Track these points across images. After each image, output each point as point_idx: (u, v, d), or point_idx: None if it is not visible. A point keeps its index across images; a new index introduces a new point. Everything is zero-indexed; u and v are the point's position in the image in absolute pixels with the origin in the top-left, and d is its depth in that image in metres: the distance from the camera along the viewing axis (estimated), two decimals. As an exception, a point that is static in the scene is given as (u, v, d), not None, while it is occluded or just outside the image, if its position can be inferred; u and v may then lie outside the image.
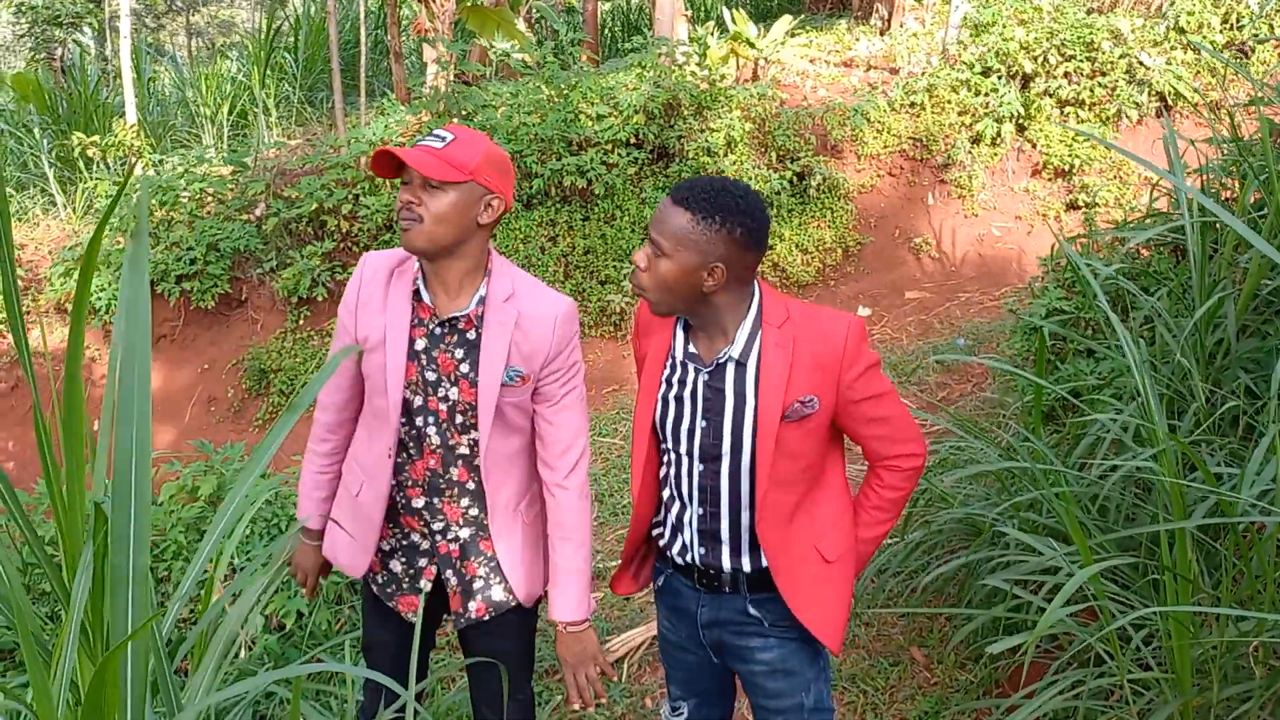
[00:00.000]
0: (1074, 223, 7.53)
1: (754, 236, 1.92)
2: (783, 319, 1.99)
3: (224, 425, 6.46)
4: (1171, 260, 4.04)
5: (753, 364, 1.99)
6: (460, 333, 2.15)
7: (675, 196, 1.91)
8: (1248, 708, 2.33)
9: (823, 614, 2.08)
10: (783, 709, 2.16)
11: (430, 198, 2.02)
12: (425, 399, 2.17)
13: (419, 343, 2.16)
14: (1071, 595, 2.42)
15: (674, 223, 1.89)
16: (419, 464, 2.21)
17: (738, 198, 1.91)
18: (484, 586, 2.29)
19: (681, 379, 2.05)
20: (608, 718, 3.32)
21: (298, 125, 9.64)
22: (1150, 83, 7.70)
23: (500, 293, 2.14)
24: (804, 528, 2.07)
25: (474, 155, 2.04)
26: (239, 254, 6.70)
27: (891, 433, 2.06)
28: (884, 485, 2.10)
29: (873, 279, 7.41)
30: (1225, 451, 2.91)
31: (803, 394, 1.96)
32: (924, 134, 7.79)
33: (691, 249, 1.89)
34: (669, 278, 1.92)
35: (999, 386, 5.00)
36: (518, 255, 6.79)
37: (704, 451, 2.04)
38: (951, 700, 3.24)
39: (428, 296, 2.15)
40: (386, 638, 2.39)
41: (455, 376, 2.15)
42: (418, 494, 2.23)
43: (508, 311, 2.14)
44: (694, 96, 7.33)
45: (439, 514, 2.24)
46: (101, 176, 7.71)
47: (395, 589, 2.32)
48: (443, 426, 2.18)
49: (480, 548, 2.27)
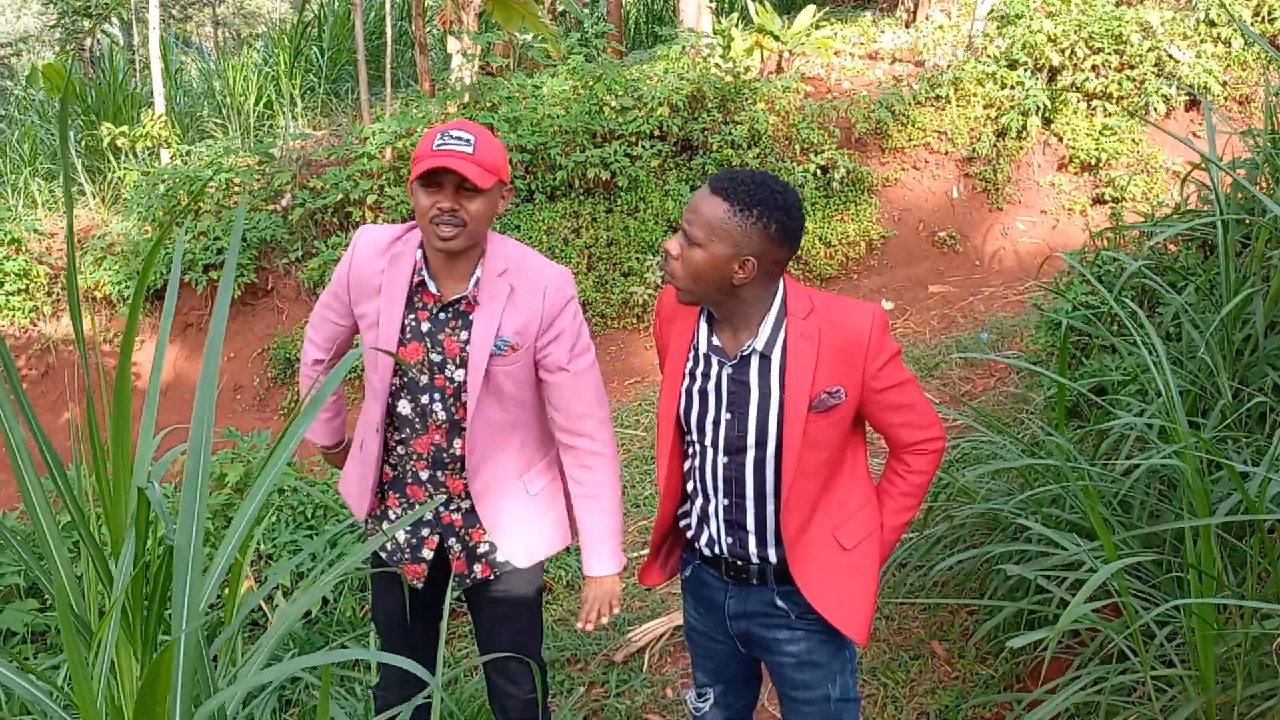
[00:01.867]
0: (1100, 217, 7.48)
1: (788, 232, 1.93)
2: (807, 310, 2.00)
3: (249, 413, 6.52)
4: (1199, 256, 4.02)
5: (777, 356, 1.99)
6: (463, 315, 2.23)
7: (714, 186, 1.92)
8: (1272, 705, 2.33)
9: (841, 602, 2.09)
10: (809, 699, 2.17)
11: (469, 201, 2.11)
12: (432, 377, 2.25)
13: (424, 325, 2.24)
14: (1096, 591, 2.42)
15: (710, 212, 1.90)
16: (424, 439, 2.29)
17: (776, 192, 1.91)
18: (489, 550, 2.38)
19: (705, 372, 2.06)
20: (629, 706, 3.34)
21: (323, 116, 9.68)
22: (1179, 76, 7.63)
23: (494, 269, 2.23)
24: (824, 516, 2.08)
25: (496, 154, 2.14)
26: (265, 244, 6.75)
27: (914, 419, 2.07)
28: (909, 470, 2.12)
29: (896, 273, 7.38)
30: (1252, 449, 2.89)
31: (829, 385, 1.97)
32: (949, 127, 7.75)
33: (725, 240, 1.89)
34: (700, 267, 1.92)
35: (1022, 382, 4.98)
36: (541, 247, 6.81)
37: (729, 444, 2.05)
38: (972, 694, 3.24)
39: (434, 285, 2.23)
40: (392, 604, 2.45)
41: (461, 358, 2.23)
42: (423, 467, 2.32)
43: (500, 285, 2.22)
44: (718, 89, 7.32)
45: (442, 486, 2.33)
46: (130, 166, 7.78)
47: (400, 557, 2.40)
48: (448, 402, 2.26)
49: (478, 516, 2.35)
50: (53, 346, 6.57)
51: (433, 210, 2.10)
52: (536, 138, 6.88)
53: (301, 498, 3.86)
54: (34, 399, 6.46)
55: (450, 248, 2.13)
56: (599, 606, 2.38)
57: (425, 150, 2.10)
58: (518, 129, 6.92)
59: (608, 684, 3.47)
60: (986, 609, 3.36)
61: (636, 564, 4.18)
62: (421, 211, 2.12)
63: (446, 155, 2.07)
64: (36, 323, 6.62)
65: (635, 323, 6.86)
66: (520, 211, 6.91)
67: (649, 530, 4.41)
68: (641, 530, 4.44)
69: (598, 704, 3.38)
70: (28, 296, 6.59)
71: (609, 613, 2.39)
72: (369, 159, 6.88)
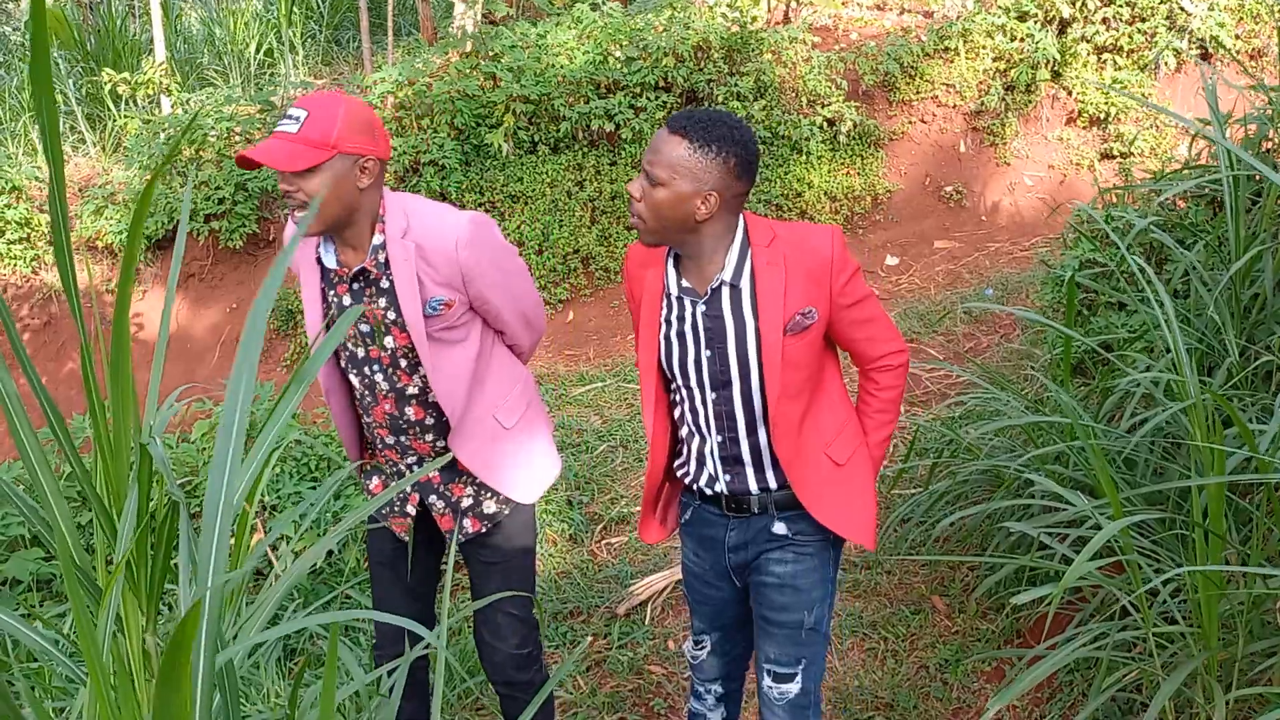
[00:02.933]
0: (1109, 172, 7.42)
1: (746, 166, 1.99)
2: (769, 239, 2.07)
3: (252, 365, 6.51)
4: (1209, 212, 3.98)
5: (746, 285, 2.05)
6: (374, 283, 2.21)
7: (672, 126, 1.97)
8: (1273, 662, 2.34)
9: (846, 514, 2.18)
10: (783, 622, 2.23)
11: (304, 182, 2.05)
12: (366, 349, 2.26)
13: (345, 299, 2.24)
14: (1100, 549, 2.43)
15: (671, 151, 1.95)
16: (378, 408, 2.31)
17: (732, 127, 1.97)
18: (474, 504, 2.38)
19: (679, 315, 2.10)
20: (631, 658, 3.37)
21: (324, 65, 9.58)
22: (1191, 29, 7.53)
23: (395, 232, 2.18)
24: (812, 435, 2.15)
25: (329, 128, 2.05)
26: (267, 194, 6.71)
27: (877, 333, 2.16)
28: (880, 387, 2.21)
29: (901, 228, 7.34)
30: (1258, 407, 2.89)
31: (801, 306, 2.04)
32: (957, 80, 7.66)
33: (687, 177, 1.95)
34: (664, 206, 1.97)
35: (1027, 338, 4.96)
36: (544, 199, 6.77)
37: (714, 380, 2.10)
38: (972, 649, 3.26)
39: (332, 260, 2.21)
40: (383, 553, 2.48)
41: (385, 325, 2.22)
42: (386, 433, 2.34)
43: (405, 247, 2.17)
44: (724, 40, 7.23)
45: (409, 450, 2.34)
46: (130, 114, 7.71)
47: (389, 511, 2.42)
48: (389, 372, 2.26)
49: (457, 469, 2.36)
50: (55, 296, 6.55)
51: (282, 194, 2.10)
52: (540, 88, 6.80)
53: (305, 449, 3.86)
54: (36, 348, 6.45)
55: (312, 232, 2.12)
56: None
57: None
58: (521, 79, 6.84)
59: (610, 636, 3.49)
60: (987, 565, 3.37)
61: (638, 519, 4.19)
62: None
63: (265, 143, 2.04)
64: (38, 271, 6.59)
65: (639, 276, 6.83)
66: (523, 163, 6.85)
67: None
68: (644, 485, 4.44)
69: (600, 656, 3.41)
70: (29, 245, 6.55)
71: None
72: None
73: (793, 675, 2.24)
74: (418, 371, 2.25)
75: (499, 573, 2.45)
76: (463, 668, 3.22)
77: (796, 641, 2.24)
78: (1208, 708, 2.31)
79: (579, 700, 3.20)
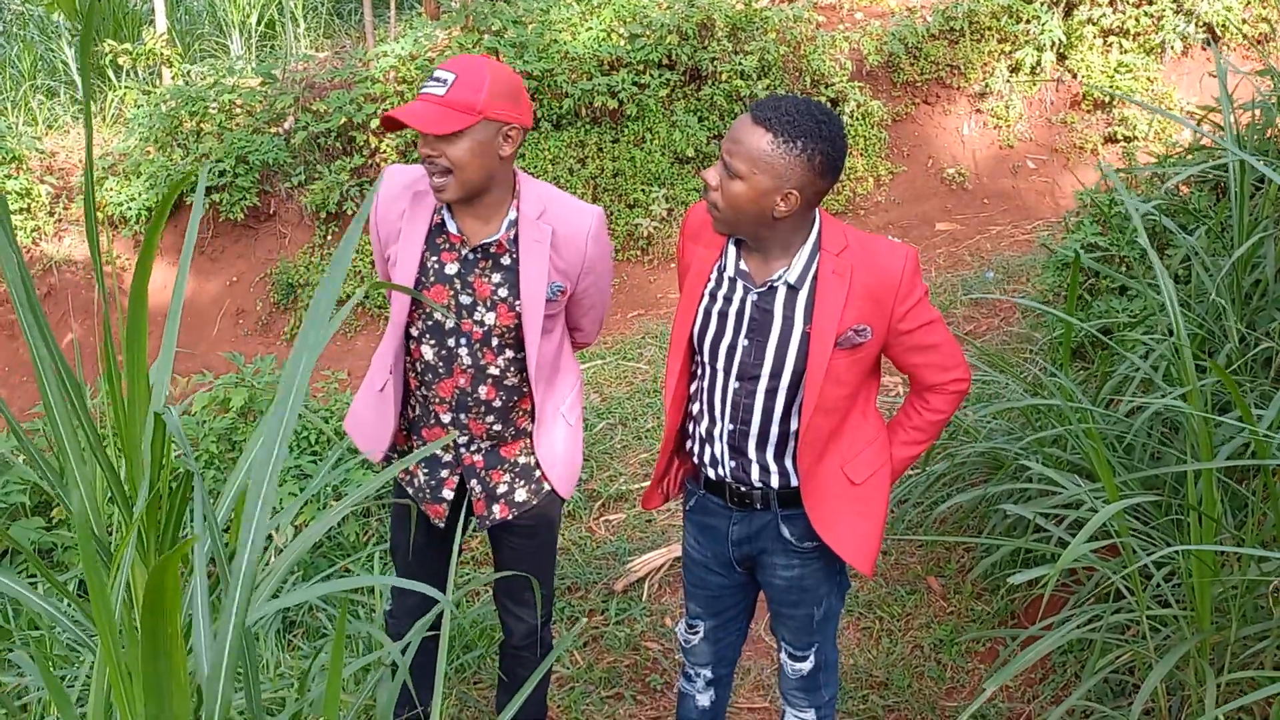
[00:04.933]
0: (1112, 156, 7.40)
1: (831, 164, 1.89)
2: (841, 246, 1.98)
3: (252, 338, 6.52)
4: (1212, 197, 3.98)
5: (806, 289, 1.99)
6: (494, 257, 2.17)
7: (757, 115, 1.86)
8: (1264, 645, 2.36)
9: (848, 534, 2.13)
10: (794, 615, 2.28)
11: (448, 146, 2.01)
12: (458, 321, 2.19)
13: (450, 267, 2.17)
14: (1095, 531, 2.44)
15: (752, 143, 1.85)
16: (447, 382, 2.24)
17: (820, 122, 1.86)
18: (508, 491, 2.37)
19: (728, 295, 2.05)
20: (628, 634, 3.39)
21: (326, 38, 9.53)
22: (1198, 13, 7.50)
23: (531, 213, 2.15)
24: (835, 452, 2.11)
25: (478, 92, 2.00)
26: (267, 167, 6.69)
27: (941, 360, 2.07)
28: (928, 408, 2.12)
29: (903, 209, 7.33)
30: (1257, 393, 2.90)
31: (856, 323, 1.97)
32: (962, 61, 7.64)
33: (768, 173, 1.85)
34: (741, 199, 1.89)
35: (1028, 322, 4.97)
36: (546, 176, 6.75)
37: (742, 370, 2.05)
38: (967, 629, 3.29)
39: (455, 226, 2.15)
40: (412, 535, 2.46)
41: (493, 301, 2.18)
42: (444, 410, 2.28)
43: (541, 229, 2.15)
44: (728, 17, 7.20)
45: (465, 429, 2.29)
46: (131, 85, 7.68)
47: (422, 496, 2.39)
48: (475, 347, 2.21)
49: (502, 455, 2.34)
50: (55, 267, 6.55)
51: (423, 159, 2.05)
52: (543, 64, 6.78)
53: (305, 423, 3.87)
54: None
55: (443, 198, 2.07)
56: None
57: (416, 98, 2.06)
58: (524, 55, 6.81)
59: (607, 612, 3.52)
60: (984, 546, 3.39)
61: (638, 496, 4.21)
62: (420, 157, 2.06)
63: (418, 100, 2.00)
64: (39, 242, 6.58)
65: (639, 255, 6.83)
66: (526, 140, 6.83)
67: (651, 463, 4.43)
68: (643, 463, 4.46)
69: (598, 631, 3.43)
70: (29, 215, 6.54)
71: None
72: (372, 82, 6.79)
73: (806, 656, 2.32)
74: (504, 353, 2.22)
75: (529, 553, 2.46)
76: (460, 642, 3.24)
77: (809, 630, 2.29)
78: (1199, 690, 2.33)
79: (576, 675, 3.22)
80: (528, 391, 2.29)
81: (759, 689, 3.16)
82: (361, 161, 6.72)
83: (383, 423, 2.34)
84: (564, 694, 3.15)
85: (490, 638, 3.26)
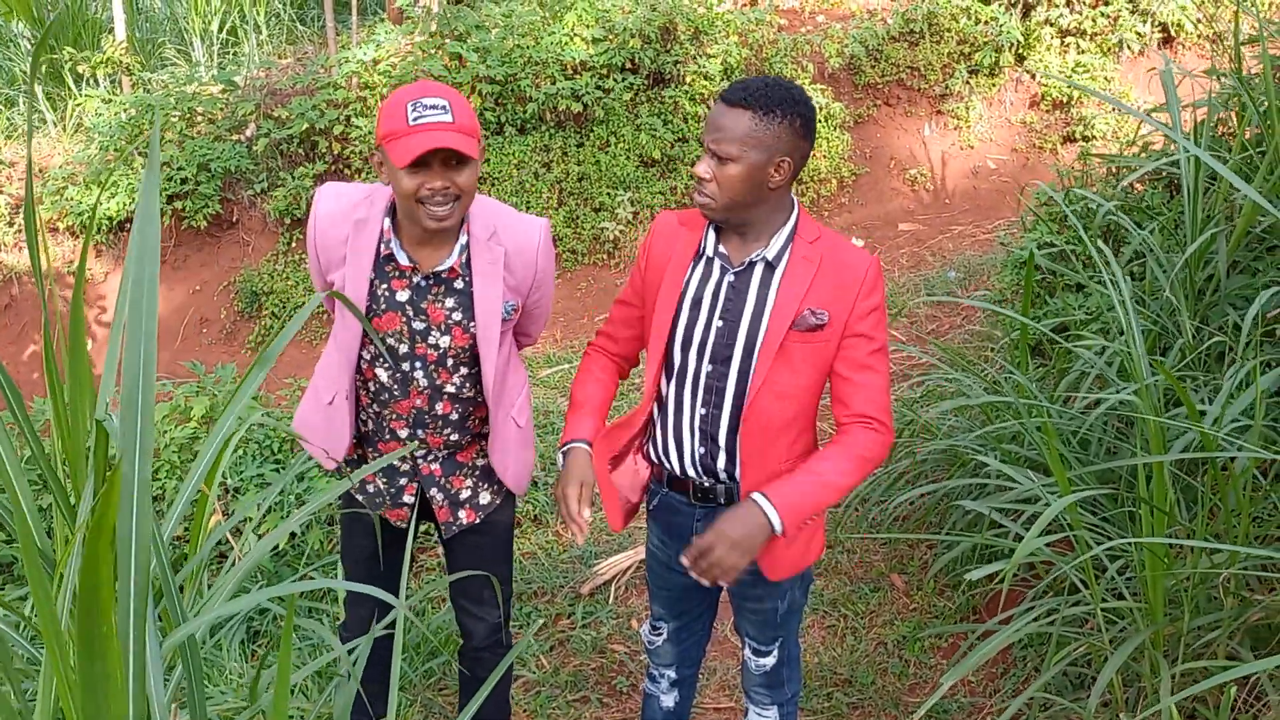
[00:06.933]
0: (1071, 155, 7.49)
1: (809, 125, 1.98)
2: (815, 236, 2.06)
3: (216, 347, 6.48)
4: (1165, 195, 4.04)
5: (780, 269, 2.05)
6: (447, 283, 2.16)
7: (730, 99, 1.95)
8: (1216, 635, 2.40)
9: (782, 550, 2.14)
10: (758, 609, 2.32)
11: (458, 175, 1.99)
12: (412, 346, 2.19)
13: (401, 294, 2.16)
14: (1050, 526, 2.48)
15: (735, 125, 1.93)
16: (404, 403, 2.25)
17: (788, 88, 1.96)
18: (472, 495, 2.39)
19: (704, 276, 2.09)
20: (594, 637, 3.40)
21: (288, 44, 9.48)
22: (1153, 13, 7.61)
23: (482, 235, 2.15)
24: (776, 451, 2.11)
25: (472, 114, 2.02)
26: (230, 175, 6.65)
27: (871, 391, 2.05)
28: (852, 440, 2.05)
29: (866, 210, 7.38)
30: (1209, 388, 2.95)
31: (817, 305, 2.01)
32: (922, 63, 7.70)
33: (757, 147, 1.93)
34: (739, 180, 1.95)
35: (988, 320, 5.02)
36: (511, 181, 6.75)
37: (715, 352, 2.08)
38: (929, 625, 3.32)
39: (406, 257, 2.13)
40: (365, 547, 2.46)
41: (447, 325, 2.18)
42: (402, 426, 2.29)
43: (494, 250, 2.15)
44: (690, 21, 7.22)
45: (423, 444, 2.31)
46: (91, 94, 7.61)
47: (381, 502, 2.39)
48: (430, 369, 2.22)
49: (458, 460, 2.35)
50: (16, 278, 6.47)
51: (421, 191, 1.97)
52: (506, 69, 6.78)
53: (268, 431, 3.85)
54: (-4, 331, 6.37)
55: (447, 226, 2.03)
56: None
57: (400, 126, 1.95)
58: (487, 59, 6.81)
59: (574, 616, 3.52)
60: (944, 543, 3.43)
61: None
62: (406, 193, 1.98)
63: (428, 130, 1.93)
64: (-3, 253, 6.50)
65: (606, 259, 6.84)
66: (490, 145, 6.83)
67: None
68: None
69: (564, 635, 3.44)
70: (-13, 226, 6.46)
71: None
72: (335, 88, 6.76)
73: (770, 650, 2.36)
74: (459, 371, 2.22)
75: (488, 554, 2.47)
76: (425, 648, 3.24)
77: (773, 625, 2.33)
78: (1154, 681, 2.37)
79: (542, 679, 3.23)
80: (483, 402, 2.30)
81: (724, 689, 3.18)
82: (325, 168, 6.68)
83: (335, 435, 2.31)
84: (530, 698, 3.15)
85: (455, 643, 3.26)
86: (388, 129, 1.97)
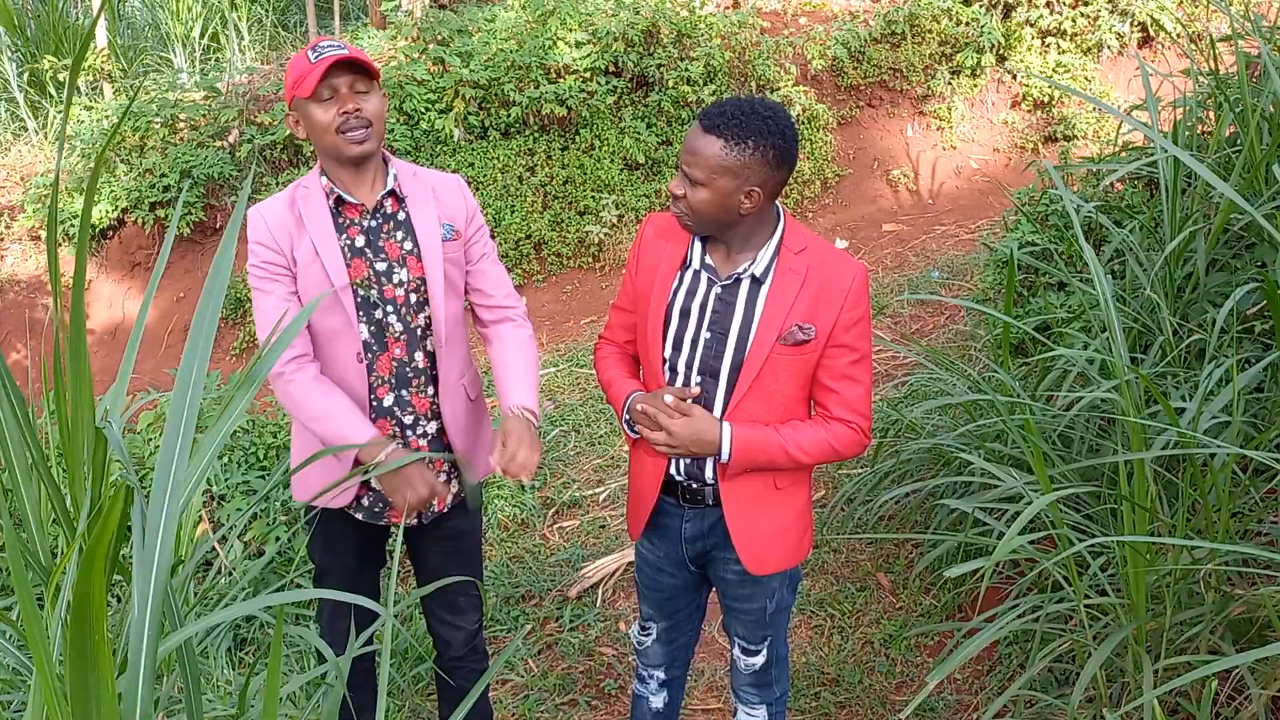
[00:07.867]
0: (1052, 155, 7.54)
1: (784, 155, 1.96)
2: (801, 247, 2.06)
3: (201, 354, 6.45)
4: (1145, 194, 4.08)
5: (768, 283, 2.05)
6: (392, 217, 2.26)
7: (705, 124, 1.94)
8: (1198, 630, 2.42)
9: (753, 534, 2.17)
10: (747, 610, 2.33)
11: (366, 101, 2.16)
12: (380, 289, 2.25)
13: (359, 240, 2.24)
14: (1034, 523, 2.50)
15: (707, 152, 1.92)
16: (384, 357, 2.28)
17: (766, 118, 1.93)
18: (445, 481, 2.40)
19: (691, 289, 2.10)
20: (582, 640, 3.41)
21: (271, 49, 9.46)
22: (1133, 13, 7.66)
23: (406, 171, 2.29)
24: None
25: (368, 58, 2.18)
26: (213, 181, 6.64)
27: (853, 397, 2.08)
28: (831, 429, 2.09)
29: (850, 211, 7.41)
30: (1189, 385, 2.97)
31: (803, 319, 2.02)
32: (904, 64, 7.74)
33: (726, 176, 1.93)
34: (707, 205, 1.96)
35: (971, 320, 5.05)
36: (495, 185, 6.75)
37: (704, 364, 2.09)
38: (914, 623, 3.34)
39: (353, 197, 2.24)
40: (345, 558, 2.46)
41: (402, 257, 2.26)
42: (386, 391, 2.30)
43: (420, 183, 2.29)
44: (674, 24, 7.24)
45: (408, 407, 2.32)
46: (73, 102, 7.58)
47: (381, 508, 2.38)
48: (402, 311, 2.26)
49: (442, 443, 2.37)
50: (-3, 286, 6.44)
51: (337, 119, 2.13)
52: (489, 73, 6.78)
53: (253, 439, 3.85)
54: (-21, 340, 6.34)
55: (365, 150, 2.16)
56: (526, 442, 2.17)
57: (304, 68, 2.12)
58: (470, 64, 6.81)
59: (561, 619, 3.53)
60: (929, 542, 3.45)
61: (589, 502, 4.23)
62: (323, 127, 2.14)
63: (328, 59, 2.10)
64: (-20, 262, 6.47)
65: (591, 262, 6.85)
66: (474, 149, 6.83)
67: (605, 469, 4.45)
68: (596, 469, 4.48)
69: (552, 638, 3.44)
70: (-31, 235, 6.43)
71: (532, 465, 2.17)
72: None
73: (759, 650, 2.37)
74: (424, 310, 2.28)
75: (457, 556, 2.48)
76: (413, 654, 3.24)
77: (761, 624, 2.35)
78: (1137, 676, 2.39)
79: (530, 683, 3.23)
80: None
81: (712, 690, 3.19)
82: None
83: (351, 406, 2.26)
84: (518, 702, 3.16)
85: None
86: (294, 77, 2.14)
